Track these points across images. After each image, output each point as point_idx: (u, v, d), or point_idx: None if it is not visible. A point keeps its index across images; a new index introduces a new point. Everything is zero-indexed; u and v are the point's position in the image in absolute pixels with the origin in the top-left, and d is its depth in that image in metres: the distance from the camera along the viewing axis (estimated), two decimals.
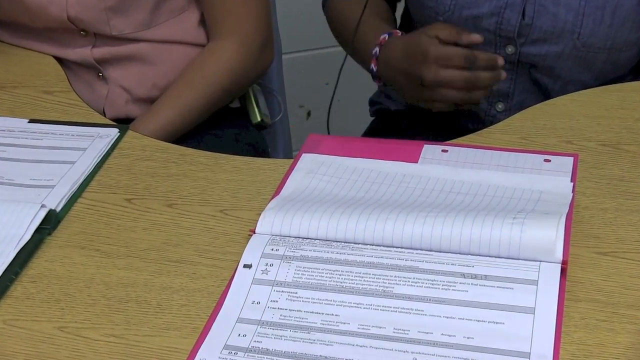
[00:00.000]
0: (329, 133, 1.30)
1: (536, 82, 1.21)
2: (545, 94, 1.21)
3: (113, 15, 1.22)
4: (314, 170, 0.94)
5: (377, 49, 1.17)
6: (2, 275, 0.83)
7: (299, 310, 0.77)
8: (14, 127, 1.07)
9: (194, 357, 0.74)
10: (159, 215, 0.91)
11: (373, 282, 0.78)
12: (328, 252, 0.82)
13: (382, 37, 1.17)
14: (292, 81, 1.97)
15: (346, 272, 0.80)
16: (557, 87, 1.20)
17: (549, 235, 0.78)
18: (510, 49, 1.18)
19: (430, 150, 0.97)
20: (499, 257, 0.79)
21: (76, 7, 1.21)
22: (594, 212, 0.87)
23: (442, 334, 0.73)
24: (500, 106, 1.24)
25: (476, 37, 1.08)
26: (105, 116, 1.23)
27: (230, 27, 1.26)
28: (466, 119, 1.28)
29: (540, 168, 0.93)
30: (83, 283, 0.83)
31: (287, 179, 0.93)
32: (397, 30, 1.18)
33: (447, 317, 0.74)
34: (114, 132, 1.05)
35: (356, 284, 0.78)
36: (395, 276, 0.79)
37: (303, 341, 0.74)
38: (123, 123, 1.11)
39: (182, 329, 0.77)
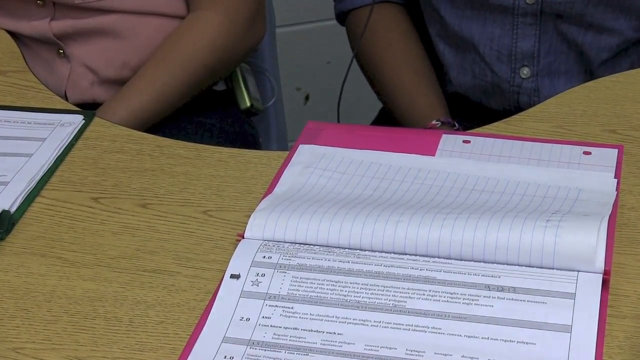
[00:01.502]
0: (339, 121, 1.30)
1: (564, 38, 1.21)
2: (578, 52, 1.21)
3: None
4: (313, 163, 0.95)
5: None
6: None
7: (296, 328, 0.77)
8: None
9: None
10: (131, 217, 0.92)
11: (382, 295, 0.79)
12: (329, 260, 0.82)
13: (433, 122, 1.22)
14: (287, 59, 1.97)
15: (350, 283, 0.80)
16: (589, 39, 1.19)
17: (589, 241, 0.79)
18: None
19: (449, 140, 0.98)
20: (529, 267, 0.80)
21: None
22: None
23: (463, 356, 0.74)
24: (525, 71, 1.24)
25: None
26: (67, 100, 1.23)
27: None
28: (487, 97, 1.28)
29: (578, 162, 0.93)
30: (42, 296, 0.83)
31: (281, 174, 0.94)
32: (450, 118, 1.23)
33: (469, 337, 0.75)
34: (77, 120, 1.06)
35: (362, 297, 0.79)
36: (408, 288, 0.79)
37: None
38: (88, 108, 1.11)
39: (158, 350, 0.77)
